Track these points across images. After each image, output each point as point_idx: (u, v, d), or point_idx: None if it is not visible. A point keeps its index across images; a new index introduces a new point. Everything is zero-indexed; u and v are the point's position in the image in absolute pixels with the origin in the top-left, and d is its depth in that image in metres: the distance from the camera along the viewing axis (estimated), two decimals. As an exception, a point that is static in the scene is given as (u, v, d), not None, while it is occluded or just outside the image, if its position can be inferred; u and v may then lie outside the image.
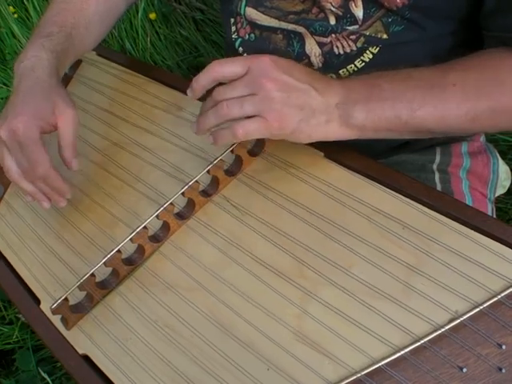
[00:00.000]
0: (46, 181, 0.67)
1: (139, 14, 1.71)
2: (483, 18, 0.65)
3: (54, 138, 0.68)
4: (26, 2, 1.86)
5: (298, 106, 0.59)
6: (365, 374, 0.50)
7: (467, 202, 0.77)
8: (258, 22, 0.76)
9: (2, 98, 1.73)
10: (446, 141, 0.81)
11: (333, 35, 0.71)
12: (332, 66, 0.72)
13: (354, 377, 0.50)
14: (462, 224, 0.57)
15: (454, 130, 0.63)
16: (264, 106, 0.58)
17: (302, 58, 0.74)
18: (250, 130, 0.59)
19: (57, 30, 0.75)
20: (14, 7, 1.87)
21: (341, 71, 0.72)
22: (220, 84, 0.62)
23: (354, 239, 0.59)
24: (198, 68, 1.67)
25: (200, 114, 0.63)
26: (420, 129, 0.61)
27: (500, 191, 0.88)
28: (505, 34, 0.63)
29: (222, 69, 0.60)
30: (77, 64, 0.94)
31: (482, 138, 0.86)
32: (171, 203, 0.64)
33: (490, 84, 0.61)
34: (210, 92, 0.62)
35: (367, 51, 0.70)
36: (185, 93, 0.64)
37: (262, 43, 0.77)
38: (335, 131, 0.61)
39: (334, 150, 0.66)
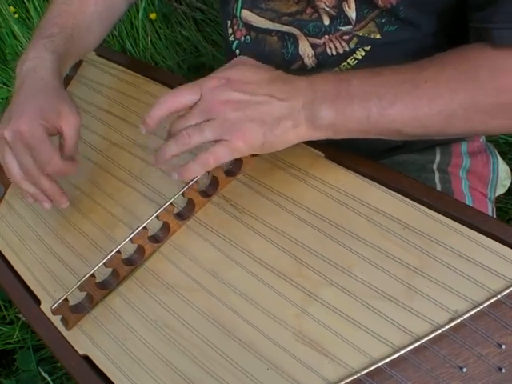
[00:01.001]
0: (59, 175, 0.67)
1: (140, 14, 1.71)
2: (467, 9, 0.63)
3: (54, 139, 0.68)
4: (26, 2, 1.86)
5: (257, 119, 0.58)
6: (365, 374, 0.50)
7: (467, 202, 0.77)
8: (254, 24, 0.76)
9: (2, 98, 1.73)
10: (446, 141, 0.81)
11: (326, 36, 0.71)
12: (325, 65, 0.72)
13: (354, 377, 0.50)
14: (462, 224, 0.57)
15: (428, 131, 0.61)
16: (224, 129, 0.58)
17: (295, 59, 0.74)
18: (220, 155, 0.59)
19: (58, 31, 0.75)
20: (14, 7, 1.87)
21: (334, 70, 0.72)
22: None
23: (354, 239, 0.59)
24: (199, 68, 1.67)
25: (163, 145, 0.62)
26: (391, 128, 0.59)
27: (500, 191, 0.88)
28: (481, 25, 0.61)
29: (175, 99, 0.60)
30: (77, 64, 0.94)
31: (482, 138, 0.86)
32: (171, 203, 0.64)
33: (464, 82, 0.58)
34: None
35: (360, 49, 0.70)
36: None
37: (257, 45, 0.77)
38: (305, 134, 0.59)
39: (334, 151, 0.66)
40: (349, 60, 0.71)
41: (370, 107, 0.58)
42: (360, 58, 0.71)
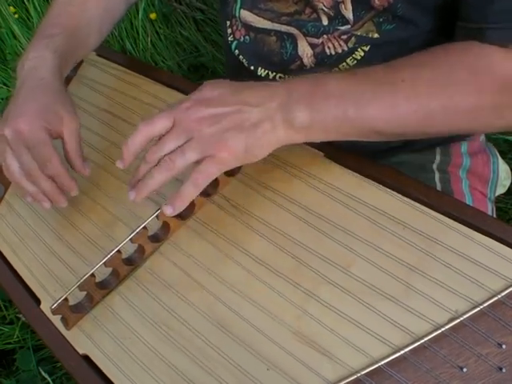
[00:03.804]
0: (56, 178, 0.67)
1: (140, 14, 1.71)
2: (459, 7, 0.63)
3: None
4: (26, 3, 1.86)
5: (234, 127, 0.57)
6: (364, 374, 0.50)
7: (467, 202, 0.77)
8: (253, 24, 0.76)
9: (2, 99, 1.73)
10: (446, 141, 0.81)
11: (324, 36, 0.71)
12: (324, 65, 0.72)
13: (354, 376, 0.50)
14: (462, 224, 0.57)
15: (407, 131, 0.60)
16: (204, 146, 0.57)
17: (294, 59, 0.74)
18: (208, 172, 0.58)
19: (58, 32, 0.75)
20: (14, 7, 1.87)
21: (333, 71, 0.72)
22: None
23: (354, 239, 0.59)
24: (199, 68, 1.67)
25: (136, 180, 0.61)
26: (370, 127, 0.59)
27: (500, 191, 0.88)
28: (473, 24, 0.60)
29: (151, 128, 0.59)
30: (78, 64, 0.94)
31: (482, 138, 0.86)
32: (171, 203, 0.64)
33: (442, 81, 0.58)
34: None
35: (358, 49, 0.70)
36: (186, 93, 0.64)
37: (256, 45, 0.77)
38: (284, 136, 0.59)
39: (334, 150, 0.66)
40: (348, 60, 0.71)
41: (346, 106, 0.57)
42: (359, 58, 0.71)
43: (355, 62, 0.71)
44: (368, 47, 0.70)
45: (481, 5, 0.59)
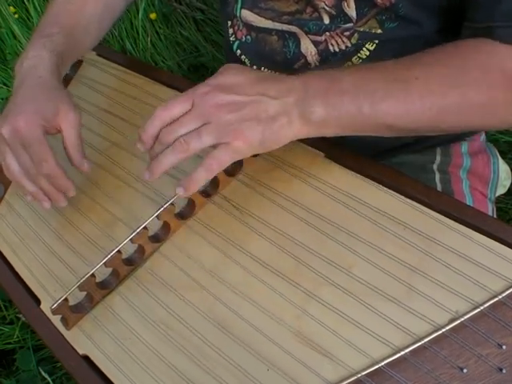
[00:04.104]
0: (51, 179, 0.67)
1: (140, 14, 1.71)
2: (461, 8, 0.63)
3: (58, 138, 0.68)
4: (26, 3, 1.86)
5: (253, 118, 0.57)
6: (365, 375, 0.50)
7: (467, 202, 0.77)
8: (254, 24, 0.76)
9: (2, 99, 1.73)
10: (446, 141, 0.81)
11: (327, 33, 0.71)
12: (329, 63, 0.72)
13: (354, 377, 0.50)
14: (463, 224, 0.57)
15: (420, 127, 0.61)
16: (221, 132, 0.57)
17: (298, 58, 0.74)
18: (222, 159, 0.58)
19: (57, 31, 0.75)
20: (14, 7, 1.87)
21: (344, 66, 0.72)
22: None
23: (355, 239, 0.59)
24: (199, 68, 1.67)
25: (151, 159, 0.60)
26: (383, 124, 0.59)
27: (500, 191, 0.88)
28: (480, 24, 0.61)
29: (168, 112, 0.59)
30: (78, 64, 0.94)
31: (482, 138, 0.86)
32: (171, 203, 0.64)
33: (455, 78, 0.59)
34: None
35: (364, 48, 0.70)
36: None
37: (258, 45, 0.77)
38: (299, 130, 0.59)
39: (334, 151, 0.66)
40: (353, 59, 0.71)
41: (361, 102, 0.58)
42: (365, 57, 0.71)
43: (361, 60, 0.71)
44: (373, 46, 0.70)
45: (489, 5, 0.59)
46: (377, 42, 0.70)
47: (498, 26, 0.59)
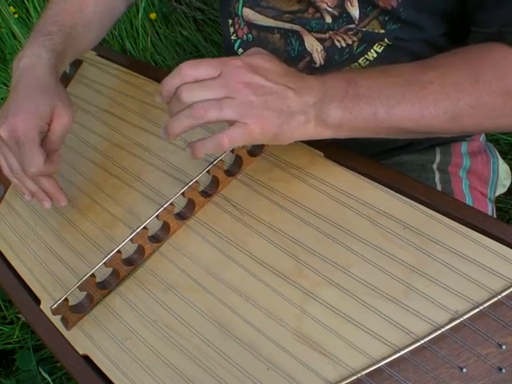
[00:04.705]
0: (37, 182, 0.67)
1: (140, 14, 1.71)
2: (468, 13, 0.64)
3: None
4: (26, 2, 1.86)
5: (276, 109, 0.57)
6: (365, 374, 0.50)
7: (467, 202, 0.77)
8: (255, 22, 0.76)
9: (1, 98, 1.73)
10: (446, 141, 0.81)
11: (330, 32, 0.71)
12: (335, 63, 0.72)
13: (354, 377, 0.50)
14: (462, 224, 0.57)
15: (434, 130, 0.61)
16: (244, 111, 0.56)
17: (303, 56, 0.74)
18: (235, 138, 0.57)
19: (56, 30, 0.75)
20: (14, 7, 1.87)
21: (344, 70, 0.72)
22: None
23: (354, 239, 0.59)
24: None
25: (170, 116, 0.59)
26: (398, 127, 0.60)
27: (500, 190, 0.88)
28: (483, 30, 0.62)
29: (193, 71, 0.57)
30: (78, 64, 0.94)
31: (482, 138, 0.86)
32: (171, 203, 0.64)
33: (469, 82, 0.59)
34: None
35: (371, 50, 0.70)
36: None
37: (260, 44, 0.76)
38: (313, 131, 0.59)
39: (334, 151, 0.66)
40: (360, 61, 0.71)
41: (376, 106, 0.58)
42: (372, 59, 0.71)
43: (367, 62, 0.71)
44: (381, 48, 0.70)
45: (495, 9, 0.60)
46: (384, 44, 0.70)
47: (508, 31, 0.59)
